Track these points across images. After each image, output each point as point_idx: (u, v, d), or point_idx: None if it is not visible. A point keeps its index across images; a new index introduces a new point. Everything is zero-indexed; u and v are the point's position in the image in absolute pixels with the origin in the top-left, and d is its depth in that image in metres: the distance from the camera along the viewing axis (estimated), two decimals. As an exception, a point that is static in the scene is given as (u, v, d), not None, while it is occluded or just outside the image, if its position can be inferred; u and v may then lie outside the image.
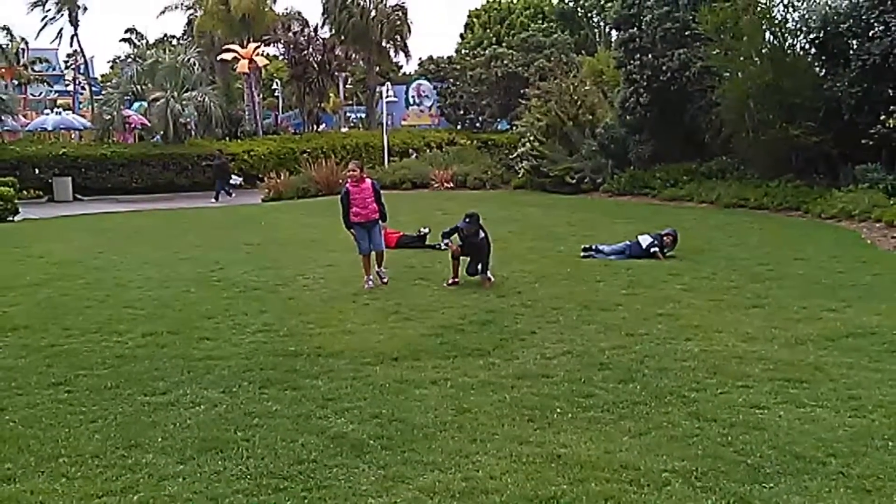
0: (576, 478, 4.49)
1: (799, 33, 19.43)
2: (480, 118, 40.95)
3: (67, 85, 52.33)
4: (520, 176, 25.77)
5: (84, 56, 46.12)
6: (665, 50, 22.01)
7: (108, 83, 42.76)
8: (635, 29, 23.01)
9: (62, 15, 42.46)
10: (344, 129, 43.83)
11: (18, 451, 5.07)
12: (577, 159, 23.94)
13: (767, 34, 19.81)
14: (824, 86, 18.30)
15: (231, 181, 29.34)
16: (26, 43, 46.91)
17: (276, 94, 52.00)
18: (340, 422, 5.47)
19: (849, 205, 16.06)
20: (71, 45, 47.24)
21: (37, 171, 29.47)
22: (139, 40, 52.68)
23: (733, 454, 4.80)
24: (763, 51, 19.60)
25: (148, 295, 10.04)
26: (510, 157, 27.36)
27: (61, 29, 44.63)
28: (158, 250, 14.00)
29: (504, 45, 42.46)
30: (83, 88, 47.88)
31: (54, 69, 52.63)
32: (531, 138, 25.17)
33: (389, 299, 9.56)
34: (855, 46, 17.60)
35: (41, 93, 49.99)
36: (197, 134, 35.43)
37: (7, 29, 45.29)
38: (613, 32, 29.22)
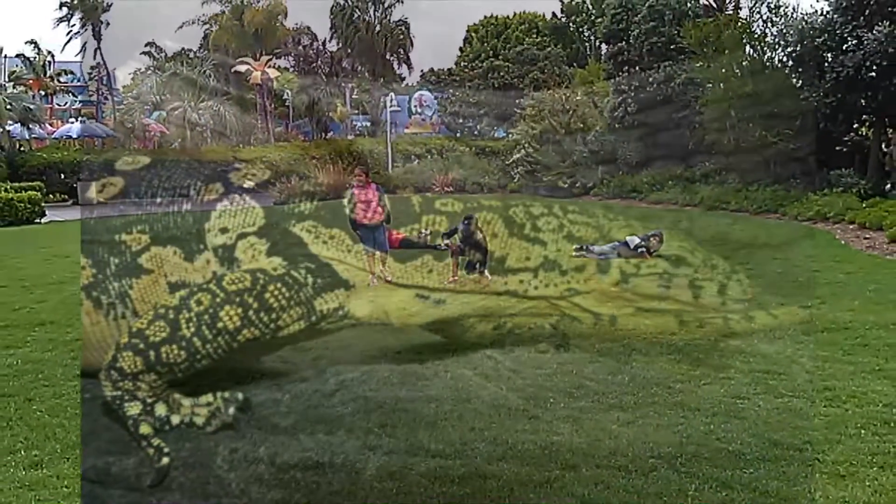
0: (568, 464, 4.50)
1: (777, 47, 19.48)
2: (478, 126, 40.91)
3: (91, 95, 52.19)
4: (515, 180, 25.77)
5: (107, 68, 46.08)
6: (651, 63, 22.09)
7: (130, 94, 42.69)
8: (624, 43, 23.10)
9: (86, 29, 42.40)
10: (350, 137, 43.78)
11: (45, 438, 5.08)
12: (569, 165, 23.97)
13: (747, 48, 19.86)
14: (801, 96, 18.32)
15: (244, 186, 29.31)
16: (52, 56, 46.79)
17: (286, 103, 51.89)
18: (347, 412, 5.46)
19: (824, 208, 16.07)
20: (94, 58, 47.21)
21: (62, 176, 29.45)
22: (158, 53, 52.59)
23: (716, 441, 4.80)
24: (743, 63, 19.65)
25: (166, 292, 10.01)
26: (506, 162, 27.34)
27: (85, 42, 44.67)
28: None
29: (501, 58, 42.43)
30: (106, 98, 47.82)
31: (78, 80, 52.57)
32: (526, 145, 25.20)
33: (392, 297, 9.52)
34: (830, 59, 17.62)
35: (66, 102, 49.89)
36: (212, 141, 35.39)
37: (35, 43, 45.29)
38: (603, 46, 29.24)
